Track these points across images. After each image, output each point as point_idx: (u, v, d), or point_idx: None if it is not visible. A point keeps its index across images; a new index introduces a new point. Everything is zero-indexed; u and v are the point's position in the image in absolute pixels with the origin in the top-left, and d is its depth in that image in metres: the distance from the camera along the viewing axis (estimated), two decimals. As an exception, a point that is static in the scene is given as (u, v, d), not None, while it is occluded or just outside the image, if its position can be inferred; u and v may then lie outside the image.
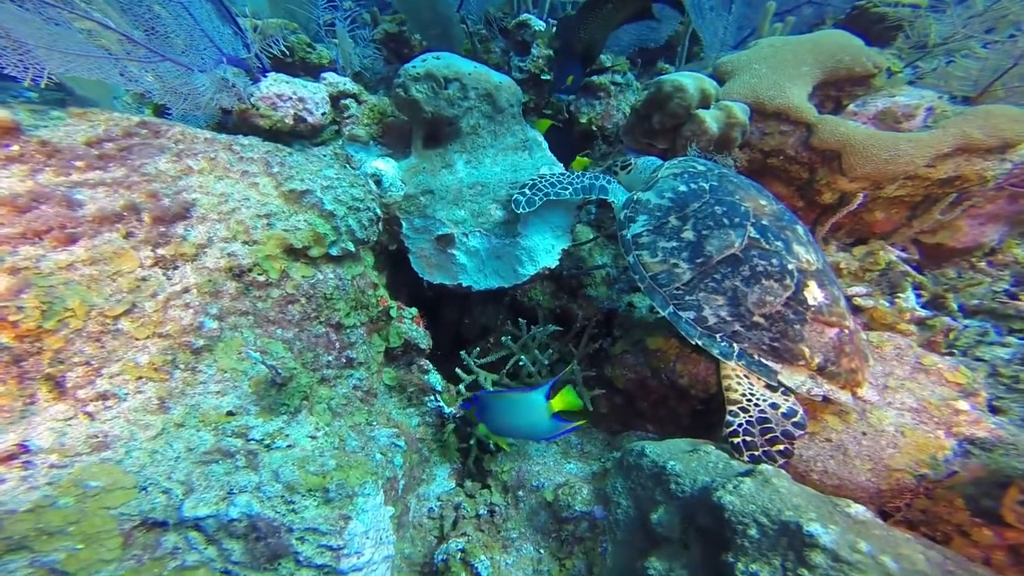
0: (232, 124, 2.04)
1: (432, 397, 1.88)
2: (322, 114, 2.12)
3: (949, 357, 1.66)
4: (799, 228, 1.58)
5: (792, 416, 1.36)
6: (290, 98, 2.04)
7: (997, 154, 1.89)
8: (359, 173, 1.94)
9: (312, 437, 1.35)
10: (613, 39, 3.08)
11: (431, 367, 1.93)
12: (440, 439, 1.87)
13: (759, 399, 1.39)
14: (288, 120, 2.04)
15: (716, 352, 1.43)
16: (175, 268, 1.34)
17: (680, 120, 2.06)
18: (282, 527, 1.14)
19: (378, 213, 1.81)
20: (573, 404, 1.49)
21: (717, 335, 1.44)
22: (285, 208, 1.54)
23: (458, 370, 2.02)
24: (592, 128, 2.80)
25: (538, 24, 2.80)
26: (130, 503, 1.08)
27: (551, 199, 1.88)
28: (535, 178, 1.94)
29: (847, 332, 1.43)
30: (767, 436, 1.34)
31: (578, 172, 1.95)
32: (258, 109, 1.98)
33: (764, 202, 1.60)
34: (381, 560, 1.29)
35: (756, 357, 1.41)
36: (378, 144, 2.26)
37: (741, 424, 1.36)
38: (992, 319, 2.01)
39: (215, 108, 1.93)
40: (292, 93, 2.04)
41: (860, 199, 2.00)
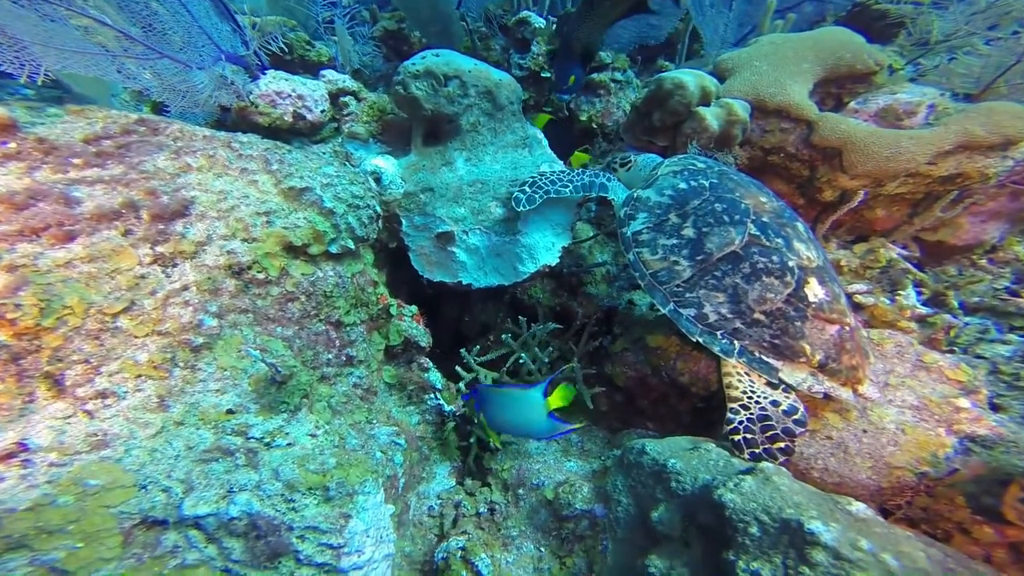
0: (231, 121, 2.03)
1: (432, 395, 1.88)
2: (321, 111, 2.11)
3: (950, 355, 1.66)
4: (799, 225, 1.58)
5: (793, 413, 1.36)
6: (289, 95, 2.03)
7: (999, 151, 1.88)
8: (359, 171, 1.94)
9: (312, 435, 1.35)
10: (613, 37, 3.07)
11: (431, 365, 1.93)
12: (440, 437, 1.87)
13: (760, 396, 1.39)
14: (287, 117, 2.03)
15: (717, 349, 1.43)
16: (174, 266, 1.33)
17: (681, 117, 2.05)
18: (282, 525, 1.14)
19: (378, 211, 1.80)
20: (567, 400, 1.49)
21: (718, 332, 1.44)
22: (284, 206, 1.53)
23: (458, 368, 2.02)
24: (592, 126, 2.80)
25: (538, 21, 2.79)
26: (130, 501, 1.07)
27: (551, 197, 1.88)
28: (535, 176, 1.94)
29: (848, 329, 1.43)
30: (768, 434, 1.34)
31: (578, 170, 1.94)
32: (257, 106, 1.98)
33: (764, 199, 1.59)
34: (381, 558, 1.29)
35: (757, 354, 1.41)
36: (378, 142, 2.25)
37: (742, 422, 1.36)
38: (993, 316, 2.01)
39: (214, 105, 1.92)
40: (291, 90, 2.03)
41: (861, 197, 2.00)
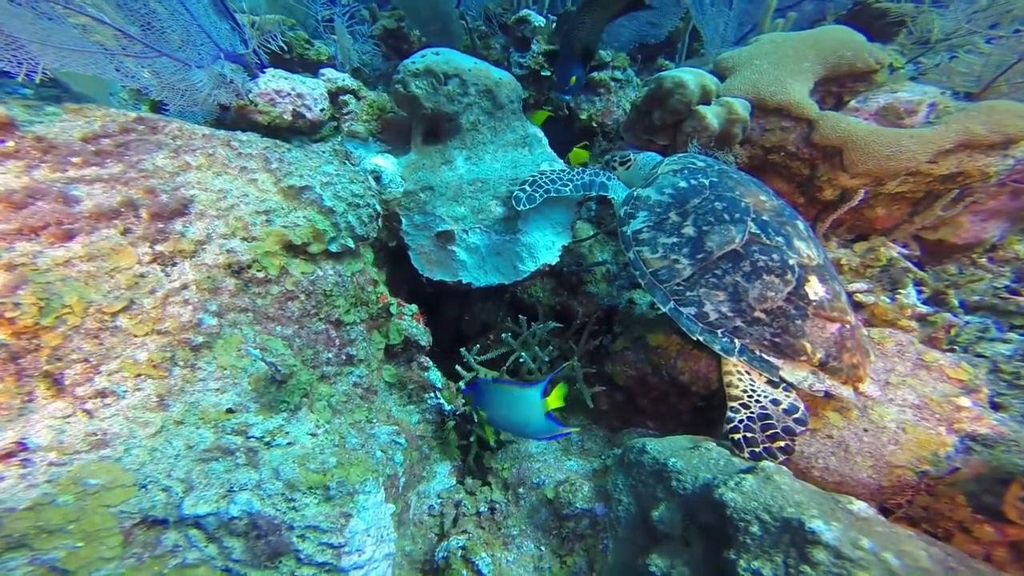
0: (230, 120, 2.03)
1: (432, 394, 1.87)
2: (321, 110, 2.10)
3: (950, 353, 1.66)
4: (800, 223, 1.58)
5: (793, 412, 1.36)
6: (288, 94, 2.02)
7: (1000, 150, 1.88)
8: (358, 169, 1.93)
9: (312, 434, 1.34)
10: (613, 35, 3.06)
11: (431, 364, 1.93)
12: (440, 436, 1.87)
13: (760, 395, 1.38)
14: (287, 116, 2.02)
15: (717, 348, 1.43)
16: (174, 264, 1.33)
17: (681, 116, 2.05)
18: (283, 525, 1.14)
19: (378, 209, 1.80)
20: (562, 402, 1.48)
21: (718, 331, 1.43)
22: (284, 204, 1.53)
23: (458, 367, 2.02)
24: (592, 124, 2.79)
25: (538, 20, 2.78)
26: (130, 501, 1.07)
27: (551, 196, 1.88)
28: (535, 174, 1.94)
29: (848, 327, 1.42)
30: (768, 432, 1.34)
31: (578, 169, 1.94)
32: (256, 105, 1.97)
33: (764, 198, 1.59)
34: (382, 558, 1.28)
35: (757, 353, 1.41)
36: (377, 140, 2.25)
37: (742, 420, 1.36)
38: (993, 315, 2.01)
39: (213, 104, 1.91)
40: (291, 89, 2.03)
41: (861, 195, 1.99)
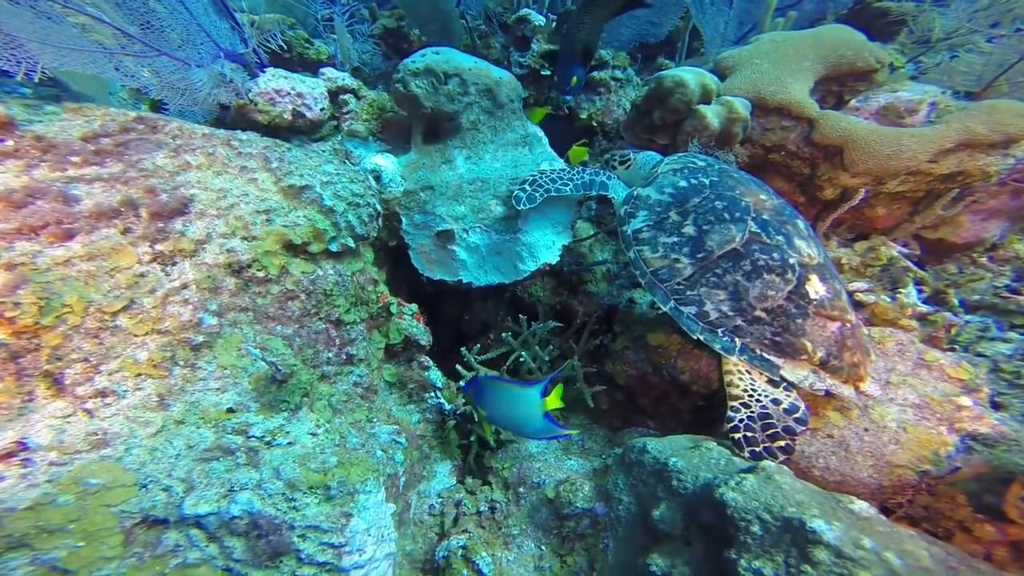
0: (230, 119, 2.02)
1: (432, 394, 1.87)
2: (321, 109, 2.10)
3: (951, 353, 1.66)
4: (800, 222, 1.57)
5: (794, 412, 1.36)
6: (288, 93, 2.02)
7: (1000, 149, 1.88)
8: (358, 169, 1.93)
9: (313, 434, 1.34)
10: (614, 34, 3.06)
11: (431, 363, 1.93)
12: (441, 435, 1.87)
13: (761, 394, 1.38)
14: (286, 115, 2.02)
15: (718, 347, 1.43)
16: (174, 264, 1.33)
17: (681, 116, 2.05)
18: (283, 524, 1.14)
19: (378, 209, 1.80)
20: (561, 403, 1.48)
21: (719, 330, 1.43)
22: (284, 204, 1.53)
23: (458, 366, 2.02)
24: (592, 124, 2.79)
25: (538, 19, 2.78)
26: (130, 500, 1.07)
27: (552, 195, 1.87)
28: (535, 174, 1.93)
29: (849, 326, 1.42)
30: (769, 432, 1.34)
31: (578, 168, 1.94)
32: (256, 104, 1.97)
33: (764, 197, 1.59)
34: (383, 557, 1.28)
35: (758, 352, 1.41)
36: (377, 140, 2.24)
37: (742, 420, 1.36)
38: (993, 314, 2.01)
39: (213, 103, 1.91)
40: (290, 88, 2.02)
41: (862, 195, 1.99)
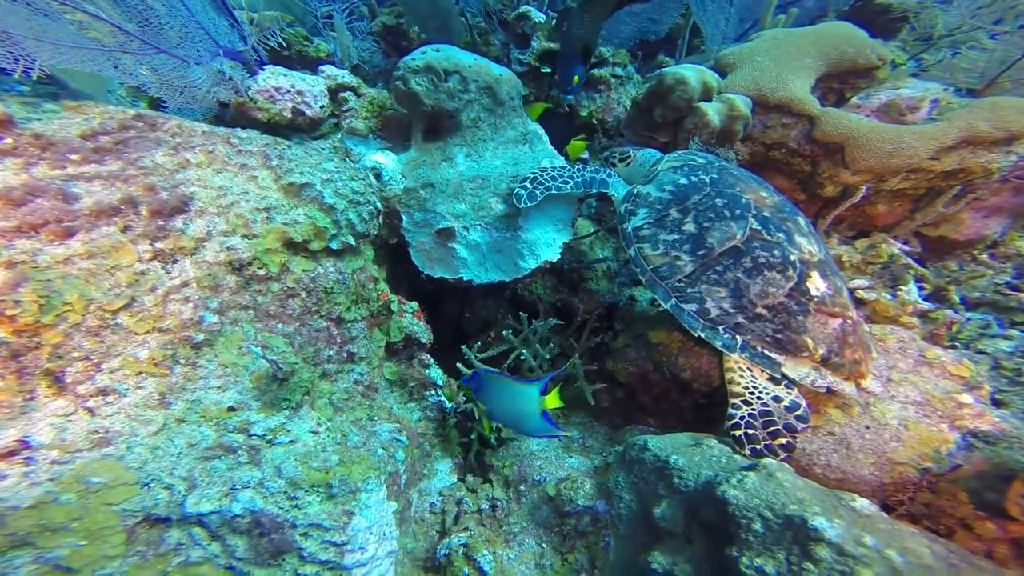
0: (230, 117, 2.02)
1: (433, 392, 1.87)
2: (320, 107, 2.09)
3: (952, 350, 1.66)
4: (800, 219, 1.57)
5: (795, 409, 1.36)
6: (288, 91, 2.01)
7: (1003, 146, 1.87)
8: (359, 166, 1.92)
9: (314, 432, 1.34)
10: (614, 32, 3.05)
11: (432, 361, 1.93)
12: (441, 434, 1.87)
13: (762, 392, 1.38)
14: (286, 113, 2.01)
15: (719, 344, 1.43)
16: (174, 262, 1.32)
17: (682, 113, 2.04)
18: (285, 523, 1.14)
19: (378, 207, 1.79)
20: (560, 403, 1.48)
21: (720, 327, 1.43)
22: (285, 201, 1.52)
23: (459, 365, 2.02)
24: (593, 121, 2.78)
25: (538, 16, 2.77)
26: (132, 499, 1.07)
27: (552, 193, 1.87)
28: (536, 172, 1.93)
29: (850, 323, 1.42)
30: (770, 429, 1.34)
31: (579, 166, 1.93)
32: (256, 102, 1.96)
33: (765, 194, 1.59)
34: (384, 555, 1.29)
35: (759, 349, 1.41)
36: (377, 137, 2.24)
37: (743, 417, 1.36)
38: (994, 312, 2.01)
39: (212, 101, 1.91)
40: (290, 86, 2.02)
41: (863, 192, 1.99)
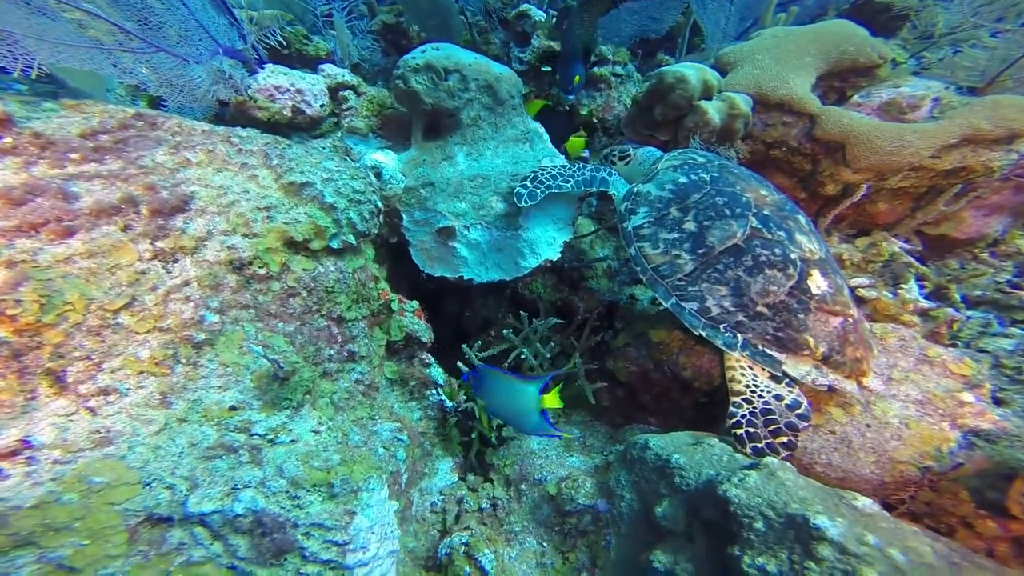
0: (229, 116, 2.01)
1: (434, 391, 1.87)
2: (320, 106, 2.09)
3: (953, 348, 1.66)
4: (801, 218, 1.57)
5: (796, 408, 1.36)
6: (288, 90, 2.01)
7: (1004, 145, 1.87)
8: (359, 165, 1.92)
9: (315, 432, 1.34)
10: (614, 30, 3.04)
11: (432, 361, 1.93)
12: (442, 433, 1.87)
13: (763, 390, 1.38)
14: (286, 112, 2.01)
15: (720, 343, 1.43)
16: (175, 261, 1.32)
17: (682, 111, 2.04)
18: (287, 522, 1.14)
19: (379, 206, 1.79)
20: (559, 403, 1.47)
21: (720, 326, 1.43)
22: (285, 201, 1.52)
23: (460, 363, 2.01)
24: (593, 120, 2.78)
25: (538, 14, 2.76)
26: (134, 499, 1.07)
27: (552, 192, 1.87)
28: (536, 170, 1.93)
29: (851, 321, 1.42)
30: (771, 428, 1.34)
31: (579, 164, 1.93)
32: (256, 101, 1.96)
33: (765, 192, 1.59)
34: (386, 555, 1.29)
35: (760, 347, 1.41)
36: (377, 136, 2.23)
37: (744, 415, 1.36)
38: (995, 310, 2.01)
39: (212, 100, 1.90)
40: (290, 85, 2.01)
41: (864, 190, 1.99)
